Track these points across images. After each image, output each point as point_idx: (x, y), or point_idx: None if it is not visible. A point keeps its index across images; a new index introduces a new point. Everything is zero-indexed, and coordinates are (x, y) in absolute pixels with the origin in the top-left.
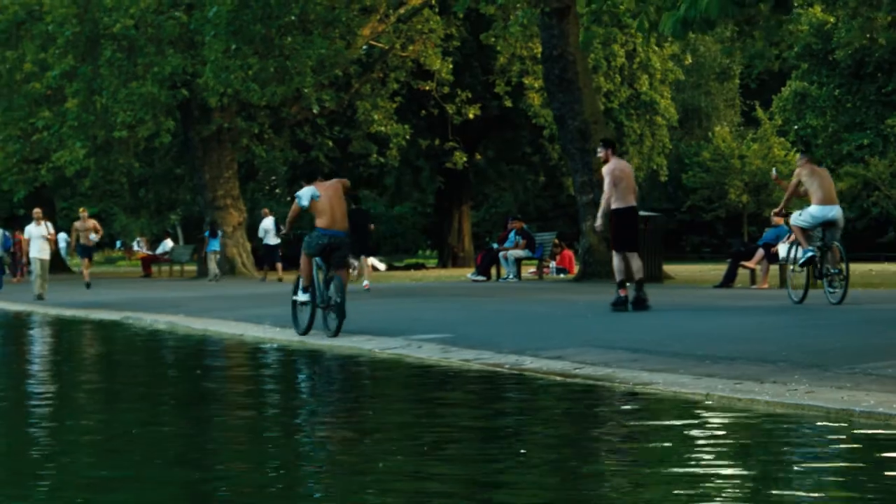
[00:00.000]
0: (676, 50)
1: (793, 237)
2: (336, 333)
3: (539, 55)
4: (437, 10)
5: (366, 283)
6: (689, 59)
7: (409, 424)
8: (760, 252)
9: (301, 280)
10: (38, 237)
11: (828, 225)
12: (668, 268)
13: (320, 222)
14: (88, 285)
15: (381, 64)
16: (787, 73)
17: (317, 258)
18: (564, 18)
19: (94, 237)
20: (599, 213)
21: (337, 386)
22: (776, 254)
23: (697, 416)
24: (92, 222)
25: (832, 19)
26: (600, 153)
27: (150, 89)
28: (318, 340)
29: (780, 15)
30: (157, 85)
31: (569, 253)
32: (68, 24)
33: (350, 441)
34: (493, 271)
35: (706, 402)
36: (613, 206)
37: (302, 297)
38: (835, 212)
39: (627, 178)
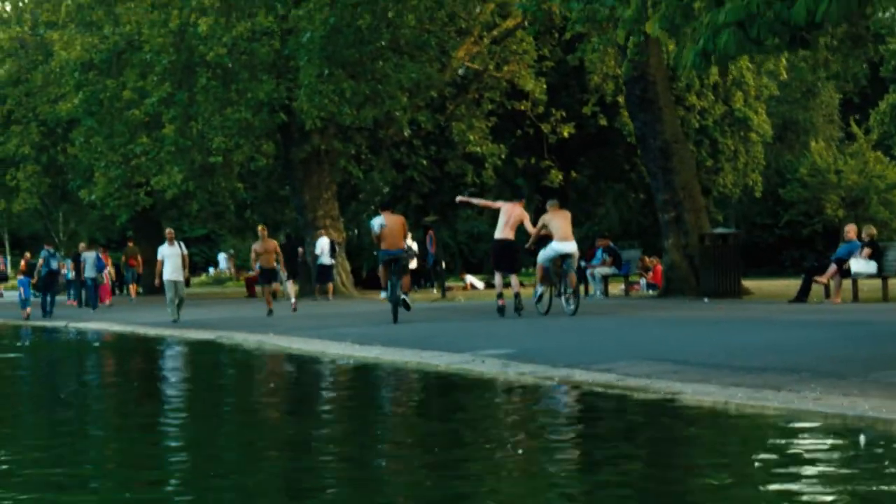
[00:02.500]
0: (771, 66)
1: (866, 252)
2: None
3: None
4: (530, 31)
5: (293, 300)
6: (784, 75)
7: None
8: (833, 267)
9: (382, 283)
10: (171, 257)
11: (565, 256)
12: (755, 283)
13: (384, 245)
14: (271, 312)
15: (475, 85)
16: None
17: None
18: (646, 40)
19: (283, 276)
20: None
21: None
22: (849, 269)
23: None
24: (273, 243)
25: None
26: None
27: (244, 115)
28: (394, 356)
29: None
30: (250, 111)
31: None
32: (165, 53)
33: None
34: (581, 289)
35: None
36: (496, 237)
37: (383, 294)
38: (570, 247)
39: (510, 217)
